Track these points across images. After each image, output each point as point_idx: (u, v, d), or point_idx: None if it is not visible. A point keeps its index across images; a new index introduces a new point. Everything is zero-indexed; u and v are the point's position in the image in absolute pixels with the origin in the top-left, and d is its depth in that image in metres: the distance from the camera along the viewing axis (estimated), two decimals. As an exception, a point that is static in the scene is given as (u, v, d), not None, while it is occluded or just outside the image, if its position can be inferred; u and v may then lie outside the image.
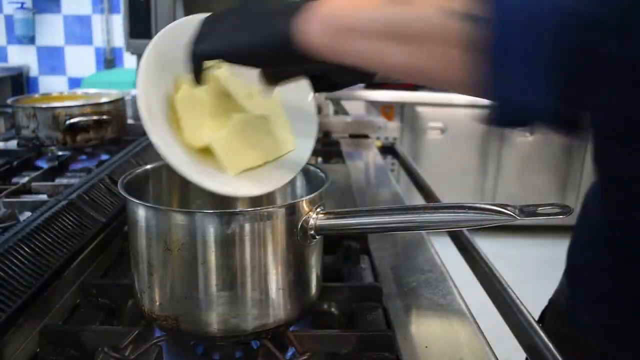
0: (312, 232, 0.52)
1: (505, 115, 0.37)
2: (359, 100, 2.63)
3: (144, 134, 1.43)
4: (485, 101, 0.37)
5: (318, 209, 0.53)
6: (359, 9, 0.40)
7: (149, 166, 0.61)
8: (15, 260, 0.59)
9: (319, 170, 0.60)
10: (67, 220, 0.70)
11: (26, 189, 0.94)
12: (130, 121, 1.43)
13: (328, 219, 0.52)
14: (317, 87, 0.59)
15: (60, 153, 1.17)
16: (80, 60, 3.58)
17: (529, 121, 0.37)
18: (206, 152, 0.55)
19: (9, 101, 1.20)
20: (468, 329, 0.59)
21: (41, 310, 0.59)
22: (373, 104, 2.81)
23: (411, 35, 0.38)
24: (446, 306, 0.63)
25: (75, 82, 3.57)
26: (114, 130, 1.22)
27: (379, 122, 1.67)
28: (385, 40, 0.39)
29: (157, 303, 0.51)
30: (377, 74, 0.55)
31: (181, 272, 0.49)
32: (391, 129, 2.91)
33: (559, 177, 3.02)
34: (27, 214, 0.82)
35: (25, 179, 0.97)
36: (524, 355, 0.64)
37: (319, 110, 1.54)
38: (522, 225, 3.04)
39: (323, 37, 0.42)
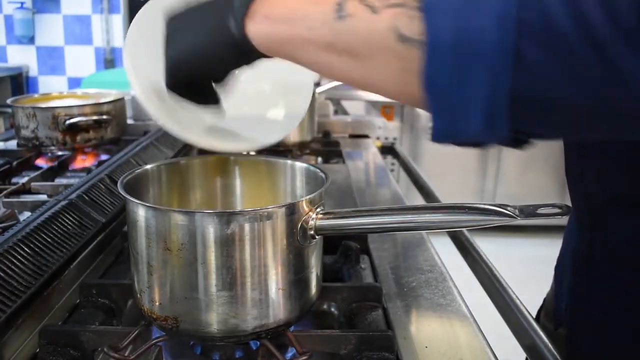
0: (312, 232, 0.52)
1: (445, 137, 0.38)
2: (359, 100, 2.63)
3: (144, 133, 1.43)
4: None
5: (318, 209, 0.52)
6: (300, 19, 0.41)
7: (149, 166, 0.61)
8: (15, 260, 0.59)
9: (319, 170, 0.60)
10: (66, 220, 0.70)
11: (26, 189, 0.95)
12: (130, 121, 1.43)
13: (328, 219, 0.52)
14: None
15: (60, 153, 1.17)
16: (80, 60, 3.58)
17: (471, 142, 0.38)
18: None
19: (8, 101, 1.21)
20: (468, 329, 0.59)
21: (41, 310, 0.59)
22: (373, 104, 2.81)
23: (358, 51, 0.39)
24: (446, 306, 0.63)
25: (75, 82, 3.57)
26: (113, 130, 1.22)
27: (379, 122, 1.67)
28: (332, 54, 0.40)
29: (157, 303, 0.51)
30: None
31: (181, 272, 0.49)
32: (391, 129, 2.91)
33: (559, 177, 3.02)
34: (27, 214, 0.82)
35: (25, 179, 0.97)
36: (524, 355, 0.64)
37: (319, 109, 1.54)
38: (522, 225, 3.04)
39: (270, 46, 0.43)
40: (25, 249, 0.61)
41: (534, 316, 0.72)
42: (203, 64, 0.47)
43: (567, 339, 0.61)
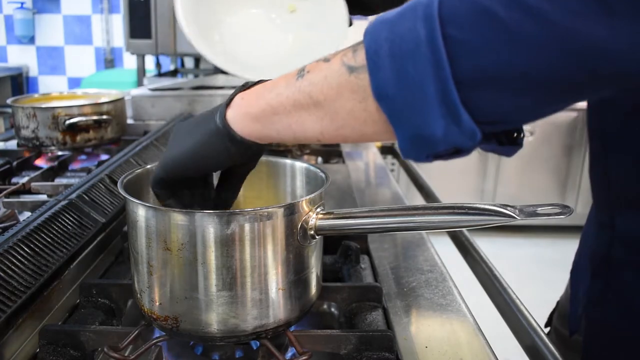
0: (312, 232, 0.52)
1: (415, 147, 0.37)
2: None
3: (144, 133, 1.43)
4: None
5: (318, 209, 0.52)
6: (268, 91, 0.44)
7: (149, 166, 0.61)
8: (15, 260, 0.59)
9: (319, 170, 0.60)
10: (66, 220, 0.70)
11: (26, 189, 0.95)
12: (130, 121, 1.43)
13: (328, 219, 0.52)
14: (352, 10, 0.71)
15: (60, 153, 1.17)
16: (80, 60, 3.58)
17: (446, 149, 0.37)
18: None
19: (8, 101, 1.21)
20: (468, 329, 0.59)
21: (41, 310, 0.59)
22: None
23: (318, 99, 0.40)
24: (446, 306, 0.63)
25: (75, 82, 3.57)
26: (113, 130, 1.22)
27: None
28: (300, 110, 0.42)
29: (157, 303, 0.51)
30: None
31: (181, 272, 0.49)
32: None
33: (559, 177, 3.02)
34: (27, 214, 0.82)
35: (25, 179, 0.97)
36: (524, 355, 0.64)
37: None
38: (522, 225, 3.04)
39: (249, 125, 0.46)
40: (26, 249, 0.61)
41: (546, 319, 0.72)
42: (194, 158, 0.49)
43: (584, 347, 0.61)
